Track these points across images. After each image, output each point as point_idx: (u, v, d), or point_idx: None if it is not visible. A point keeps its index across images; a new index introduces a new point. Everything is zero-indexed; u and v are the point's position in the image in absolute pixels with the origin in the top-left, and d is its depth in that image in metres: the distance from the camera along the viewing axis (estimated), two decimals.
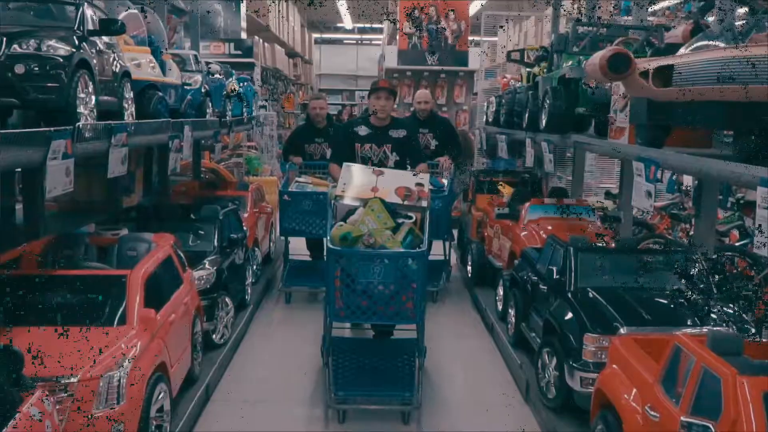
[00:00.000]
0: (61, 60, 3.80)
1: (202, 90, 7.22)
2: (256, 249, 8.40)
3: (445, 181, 7.62)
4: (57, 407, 3.36)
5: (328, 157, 7.69)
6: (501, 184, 8.94)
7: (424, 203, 5.27)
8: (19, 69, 3.62)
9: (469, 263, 8.71)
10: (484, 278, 8.21)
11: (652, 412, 3.32)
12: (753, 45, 3.30)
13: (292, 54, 22.29)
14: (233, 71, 9.40)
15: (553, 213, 7.49)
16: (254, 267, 8.13)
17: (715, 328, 4.16)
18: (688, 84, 3.59)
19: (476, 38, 17.61)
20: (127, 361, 3.83)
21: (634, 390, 3.61)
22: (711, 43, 3.75)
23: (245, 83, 9.72)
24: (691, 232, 8.19)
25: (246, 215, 8.22)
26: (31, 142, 3.37)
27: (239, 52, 14.46)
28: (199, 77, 7.19)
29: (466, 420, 5.27)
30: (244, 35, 15.34)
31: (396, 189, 5.28)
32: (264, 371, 6.17)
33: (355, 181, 5.38)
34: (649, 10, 11.14)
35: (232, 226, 7.23)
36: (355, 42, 32.59)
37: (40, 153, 3.44)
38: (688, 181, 10.27)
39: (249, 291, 7.58)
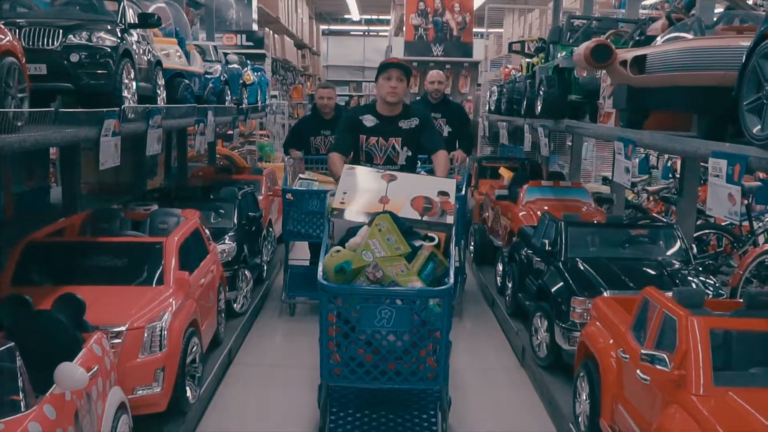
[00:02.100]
0: (109, 50, 4.33)
1: (222, 79, 7.75)
2: (270, 229, 8.94)
3: (460, 178, 6.70)
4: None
5: None
6: (502, 168, 9.45)
7: (450, 219, 4.07)
8: (74, 57, 4.16)
9: (471, 244, 9.24)
10: (485, 257, 8.75)
11: (624, 354, 3.84)
12: (714, 37, 3.81)
13: (300, 45, 22.80)
14: (248, 61, 9.93)
15: (551, 195, 8.01)
16: (269, 246, 8.66)
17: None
18: (659, 71, 4.11)
19: (481, 30, 18.10)
20: (167, 314, 4.36)
21: (611, 339, 4.13)
22: (680, 34, 4.26)
23: (259, 73, 10.26)
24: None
25: (261, 198, 8.76)
26: (88, 121, 3.90)
27: (251, 44, 14.97)
28: (218, 67, 7.73)
29: (467, 382, 5.75)
30: (255, 27, 15.85)
31: (412, 200, 4.09)
32: (281, 338, 6.71)
33: (359, 188, 4.25)
34: (647, 3, 11.65)
35: (250, 206, 7.76)
36: (362, 33, 33.10)
37: (95, 130, 3.97)
38: None
39: (265, 267, 8.11)
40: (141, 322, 4.22)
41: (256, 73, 9.82)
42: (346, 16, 30.47)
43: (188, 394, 4.63)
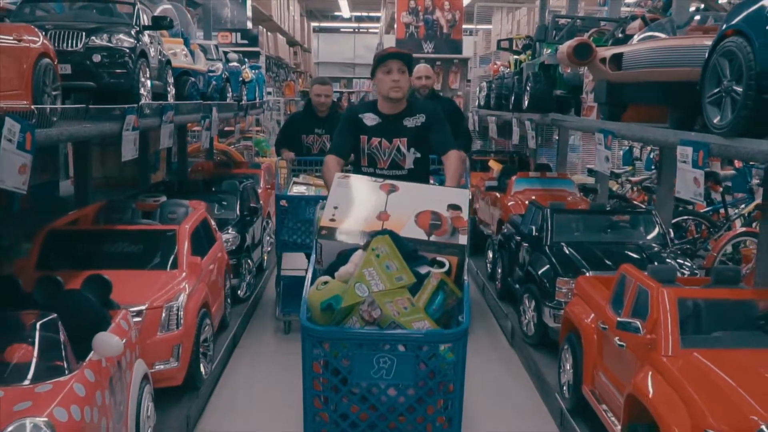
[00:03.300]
0: (128, 51, 4.67)
1: (223, 76, 8.09)
2: (269, 221, 9.28)
3: (464, 181, 5.76)
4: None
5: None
6: (492, 161, 9.86)
7: (463, 239, 3.35)
8: (96, 58, 4.50)
9: None
10: (476, 246, 9.11)
11: (603, 325, 4.23)
12: (682, 37, 4.19)
13: (292, 43, 23.12)
14: (246, 59, 10.27)
15: (538, 185, 8.41)
16: (269, 238, 9.01)
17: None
18: (634, 68, 4.50)
19: (470, 26, 18.49)
20: (182, 295, 4.71)
21: (592, 313, 4.52)
22: (654, 34, 4.65)
23: (256, 71, 10.61)
24: None
25: (260, 190, 9.11)
26: (111, 117, 4.25)
27: (245, 42, 15.29)
28: (220, 65, 8.07)
29: None
30: (249, 25, 16.16)
31: (417, 215, 3.40)
32: (282, 324, 7.06)
33: (353, 202, 3.53)
34: (629, 0, 12.06)
35: (251, 198, 8.10)
36: (352, 30, 33.45)
37: (118, 125, 4.31)
38: None
39: (265, 258, 8.45)
40: (159, 302, 4.56)
41: (253, 71, 10.16)
42: (337, 13, 30.80)
43: (202, 370, 4.98)
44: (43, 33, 4.11)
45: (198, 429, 4.82)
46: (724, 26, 3.40)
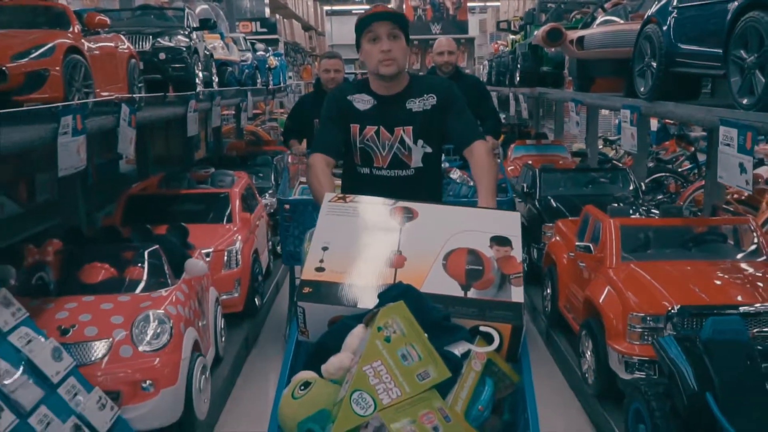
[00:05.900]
0: (185, 49, 5.84)
1: (253, 65, 9.26)
2: None
3: (501, 175, 5.22)
4: None
5: None
6: None
7: (517, 293, 2.20)
8: (162, 56, 5.67)
9: None
10: None
11: (571, 254, 5.37)
12: (627, 22, 5.29)
13: (307, 27, 24.20)
14: (269, 48, 11.43)
15: (534, 152, 9.53)
16: None
17: None
18: (593, 47, 5.60)
19: (477, 4, 19.45)
20: (238, 242, 5.91)
21: (565, 246, 5.66)
22: (611, 18, 5.75)
23: (279, 58, 11.77)
24: (651, 164, 10.20)
25: (289, 165, 10.27)
26: (178, 103, 5.43)
27: (265, 30, 16.43)
28: (249, 55, 9.23)
29: None
30: (267, 13, 17.29)
31: (446, 256, 2.24)
32: None
33: (351, 238, 2.33)
34: None
35: (282, 171, 9.28)
36: (364, 12, 34.32)
37: (183, 109, 5.49)
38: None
39: None
40: (222, 246, 5.77)
41: (277, 58, 11.31)
42: None
43: (256, 302, 6.19)
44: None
45: (256, 348, 6.01)
46: (648, 15, 4.50)
